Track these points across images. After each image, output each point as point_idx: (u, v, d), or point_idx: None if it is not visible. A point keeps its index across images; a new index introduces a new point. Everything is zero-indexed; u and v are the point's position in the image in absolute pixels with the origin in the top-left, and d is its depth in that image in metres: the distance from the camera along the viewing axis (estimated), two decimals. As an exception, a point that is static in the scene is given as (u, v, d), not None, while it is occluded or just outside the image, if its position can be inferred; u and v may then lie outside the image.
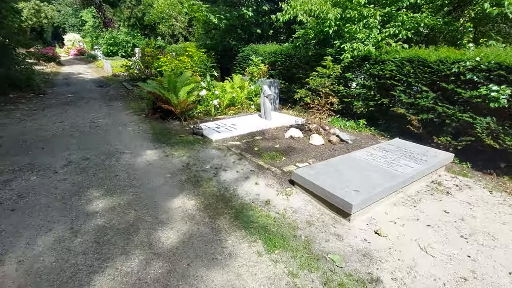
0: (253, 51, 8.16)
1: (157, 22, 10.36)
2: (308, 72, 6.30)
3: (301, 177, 2.95)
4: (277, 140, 4.76)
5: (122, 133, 4.99)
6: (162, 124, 5.60)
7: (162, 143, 4.51)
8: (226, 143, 4.52)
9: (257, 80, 7.23)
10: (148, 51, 10.11)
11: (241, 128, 5.27)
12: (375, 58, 5.01)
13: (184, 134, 4.95)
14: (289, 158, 3.96)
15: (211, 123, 5.66)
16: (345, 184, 2.75)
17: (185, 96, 5.61)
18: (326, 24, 5.19)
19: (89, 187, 3.05)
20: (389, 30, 4.89)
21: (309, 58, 6.33)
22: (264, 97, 5.85)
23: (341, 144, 4.63)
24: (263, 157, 3.96)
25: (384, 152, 3.72)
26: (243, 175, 3.40)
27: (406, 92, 4.65)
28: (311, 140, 4.65)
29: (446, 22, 4.68)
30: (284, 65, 7.07)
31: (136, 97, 8.32)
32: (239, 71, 8.76)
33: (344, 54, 5.09)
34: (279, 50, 7.24)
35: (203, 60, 9.02)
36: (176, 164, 3.72)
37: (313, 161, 3.82)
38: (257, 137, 4.90)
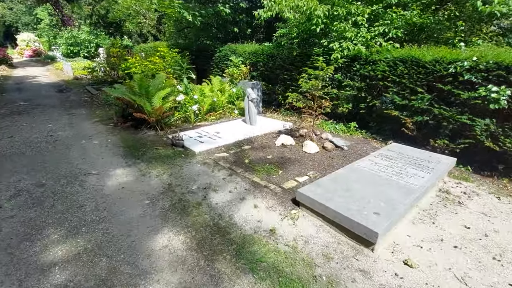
0: (231, 51, 7.65)
1: (123, 19, 9.43)
2: (294, 73, 5.97)
3: (308, 198, 2.54)
4: (268, 149, 4.33)
5: (87, 148, 4.26)
6: (134, 134, 4.92)
7: (136, 158, 3.87)
8: (211, 156, 4.00)
9: (238, 82, 6.75)
10: (114, 51, 9.18)
11: (226, 136, 4.77)
12: (366, 58, 4.77)
13: (161, 146, 4.34)
14: (285, 171, 3.55)
15: (192, 131, 5.08)
16: (361, 204, 2.39)
17: (160, 103, 4.98)
18: (313, 22, 4.85)
19: (45, 227, 2.39)
20: (379, 29, 4.67)
21: (293, 58, 5.97)
22: (249, 101, 5.39)
23: (336, 150, 4.31)
24: (256, 171, 3.51)
25: (388, 160, 3.44)
26: (238, 196, 2.92)
27: (400, 94, 4.45)
28: (305, 148, 4.28)
29: (436, 20, 4.55)
30: (266, 66, 6.66)
31: (102, 103, 7.44)
32: (217, 72, 8.21)
33: (333, 54, 4.79)
34: (260, 50, 6.82)
35: (177, 61, 8.34)
36: (155, 185, 3.14)
37: (313, 174, 3.44)
38: (245, 146, 4.43)
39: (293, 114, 6.44)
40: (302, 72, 5.74)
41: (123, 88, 5.41)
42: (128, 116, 5.78)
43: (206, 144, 4.36)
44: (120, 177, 3.34)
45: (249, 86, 6.55)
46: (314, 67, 4.43)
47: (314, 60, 5.47)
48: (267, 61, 6.59)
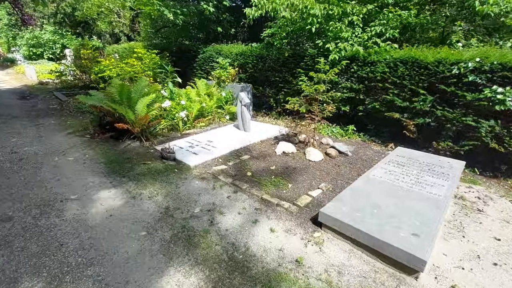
0: (216, 52, 7.24)
1: (94, 18, 8.61)
2: (286, 75, 5.71)
3: (333, 219, 2.26)
4: (269, 158, 4.01)
5: (62, 166, 3.68)
6: (116, 147, 4.37)
7: (122, 176, 3.38)
8: (209, 169, 3.60)
9: (226, 85, 6.36)
10: (85, 53, 8.38)
11: (221, 145, 4.38)
12: (364, 59, 4.61)
13: (150, 160, 3.86)
14: (294, 184, 3.25)
15: (181, 141, 4.63)
16: (393, 223, 2.15)
17: (145, 111, 4.47)
18: (308, 21, 4.60)
19: (16, 279, 1.89)
20: (375, 29, 4.52)
21: (285, 59, 5.71)
22: (242, 105, 5.04)
23: (340, 157, 4.09)
24: (263, 186, 3.18)
25: (401, 167, 3.26)
26: (249, 218, 2.58)
27: (400, 96, 4.33)
28: (308, 156, 4.02)
29: (433, 21, 4.50)
30: (256, 68, 6.34)
31: (75, 111, 6.70)
32: (201, 75, 7.76)
33: (331, 55, 4.57)
34: (249, 51, 6.48)
35: (157, 63, 7.77)
36: (150, 210, 2.70)
37: (325, 186, 3.17)
38: (244, 156, 4.08)
39: (286, 118, 6.18)
40: (296, 74, 5.53)
41: (100, 95, 4.83)
42: (106, 125, 5.20)
43: (201, 156, 3.95)
44: (106, 201, 2.85)
45: (238, 89, 6.19)
46: (316, 70, 4.17)
47: (308, 61, 5.27)
48: (256, 63, 6.26)
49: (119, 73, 7.52)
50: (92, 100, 4.48)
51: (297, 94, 5.71)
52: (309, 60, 5.25)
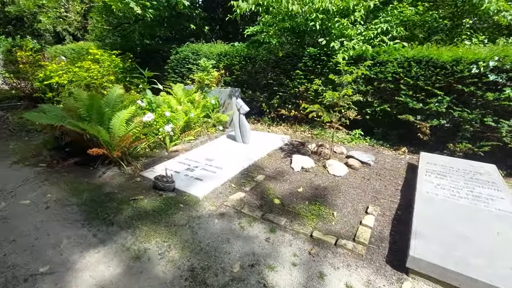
0: (193, 52, 6.36)
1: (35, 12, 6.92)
2: (282, 77, 5.16)
3: (428, 264, 1.77)
4: (288, 177, 3.42)
5: (14, 216, 2.60)
6: (88, 178, 3.35)
7: (109, 223, 2.48)
8: (225, 200, 2.88)
9: (211, 90, 5.57)
10: (23, 55, 6.76)
11: (225, 164, 3.65)
12: (372, 58, 4.27)
13: (141, 194, 2.98)
14: (337, 209, 2.71)
15: (173, 162, 3.78)
16: (497, 262, 1.74)
17: (123, 129, 3.51)
18: (312, 17, 4.10)
19: None
20: (381, 27, 4.22)
21: (279, 60, 5.14)
22: (240, 114, 4.35)
23: (364, 168, 3.68)
24: (303, 217, 2.57)
25: (443, 177, 2.95)
26: (311, 271, 1.95)
27: (414, 97, 4.09)
28: (330, 170, 3.52)
29: (439, 18, 4.35)
30: (244, 70, 5.66)
31: (17, 129, 5.25)
32: (174, 79, 6.79)
33: (339, 54, 4.14)
34: (234, 51, 5.77)
35: (118, 66, 6.59)
36: (169, 277, 1.91)
37: (373, 209, 2.68)
38: (258, 176, 3.42)
39: (281, 124, 5.64)
40: (293, 76, 5.01)
41: (57, 111, 3.71)
42: (66, 147, 4.09)
43: (207, 182, 3.18)
44: (96, 270, 1.97)
45: (226, 94, 5.47)
46: (335, 72, 3.68)
47: (307, 61, 4.79)
48: (244, 64, 5.58)
49: (71, 79, 6.21)
50: (48, 118, 3.37)
51: (294, 98, 5.22)
52: (308, 60, 4.77)
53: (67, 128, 3.32)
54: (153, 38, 8.84)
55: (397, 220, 2.57)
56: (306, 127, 5.28)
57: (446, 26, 4.50)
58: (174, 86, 5.79)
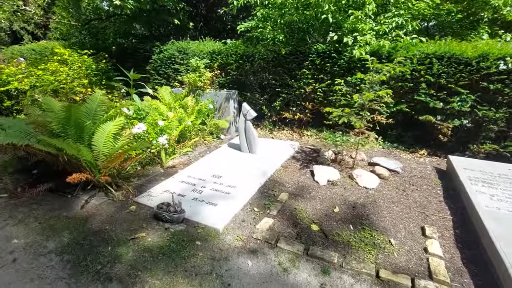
0: (180, 51, 5.67)
1: None
2: (285, 76, 4.68)
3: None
4: (316, 193, 2.94)
5: (-38, 281, 1.85)
6: (66, 211, 2.63)
7: (106, 280, 1.84)
8: (252, 230, 2.33)
9: (206, 93, 4.94)
10: (-31, 57, 5.63)
11: (237, 181, 3.09)
12: (388, 55, 3.93)
13: (140, 230, 2.34)
14: (394, 236, 2.26)
15: (173, 181, 3.14)
16: None
17: (110, 145, 2.81)
18: (323, 9, 3.66)
19: None
20: (396, 20, 3.89)
21: (282, 58, 4.65)
22: (246, 121, 3.81)
23: (393, 176, 3.31)
24: (357, 249, 2.10)
25: (495, 187, 2.65)
26: (399, 334, 1.48)
27: (434, 96, 3.81)
28: (360, 181, 3.10)
29: (452, 11, 4.11)
30: (241, 70, 5.09)
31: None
32: (158, 81, 6.05)
33: (355, 50, 3.74)
34: (229, 49, 5.18)
35: (90, 67, 5.72)
36: None
37: (433, 232, 2.27)
38: (281, 195, 2.90)
39: (283, 128, 5.16)
40: (299, 75, 4.55)
41: (21, 125, 2.90)
42: (32, 168, 3.32)
43: (222, 206, 2.60)
44: None
45: (223, 97, 4.87)
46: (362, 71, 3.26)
47: (315, 59, 4.35)
48: (242, 63, 5.02)
49: (34, 84, 5.26)
50: (9, 136, 2.57)
51: (300, 100, 4.77)
52: (316, 58, 4.33)
53: (36, 148, 2.56)
54: (128, 37, 7.95)
55: (460, 242, 2.19)
56: (313, 131, 4.85)
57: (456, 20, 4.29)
58: (160, 89, 5.08)
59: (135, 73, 3.95)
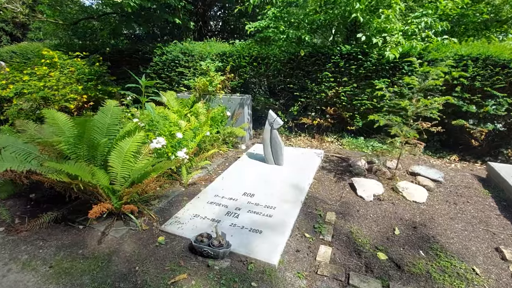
0: (184, 52, 5.23)
1: None
2: (305, 80, 4.39)
3: None
4: (365, 211, 2.65)
5: None
6: (81, 247, 2.19)
7: None
8: (310, 264, 2.00)
9: (220, 98, 4.55)
10: None
11: (274, 200, 2.75)
12: (419, 56, 3.72)
13: (179, 270, 1.97)
14: (473, 262, 2.00)
15: (200, 201, 2.75)
16: None
17: (130, 166, 2.39)
18: (354, 8, 3.38)
19: None
20: (425, 20, 3.68)
21: (302, 60, 4.34)
22: (273, 129, 3.47)
23: (439, 187, 3.08)
24: (442, 282, 1.81)
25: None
26: None
27: (467, 99, 3.64)
28: (407, 195, 2.85)
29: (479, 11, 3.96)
30: (255, 72, 4.73)
31: None
32: (160, 85, 5.58)
33: (388, 52, 3.49)
34: (241, 50, 4.80)
35: (83, 71, 5.17)
36: None
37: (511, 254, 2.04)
38: (327, 215, 2.59)
39: (300, 135, 4.86)
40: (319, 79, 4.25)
41: (18, 143, 2.42)
42: (30, 191, 2.86)
43: (268, 234, 2.26)
44: None
45: (237, 102, 4.51)
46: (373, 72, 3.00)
47: (339, 62, 4.08)
48: (256, 66, 4.66)
49: (20, 91, 4.66)
50: (7, 160, 2.10)
51: (320, 104, 4.49)
52: (339, 60, 4.05)
53: (43, 176, 2.10)
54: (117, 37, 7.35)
55: (546, 266, 1.96)
56: (333, 137, 4.58)
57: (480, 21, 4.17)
58: (165, 94, 4.65)
59: (147, 80, 3.49)
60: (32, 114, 4.87)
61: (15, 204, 2.84)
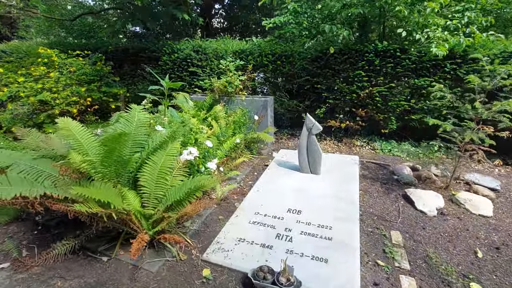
0: (197, 50, 4.82)
1: None
2: (334, 79, 4.06)
3: None
4: (432, 229, 2.32)
5: None
6: (109, 286, 1.78)
7: None
8: (400, 302, 1.65)
9: (243, 100, 4.16)
10: None
11: (327, 219, 2.40)
12: (463, 54, 3.43)
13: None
14: None
15: (240, 222, 2.38)
16: None
17: (165, 185, 1.99)
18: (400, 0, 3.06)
19: None
20: (467, 15, 3.40)
21: (331, 58, 3.98)
22: (311, 135, 3.12)
23: (499, 197, 2.80)
24: None
25: None
26: None
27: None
28: (471, 208, 2.55)
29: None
30: (278, 72, 4.36)
31: None
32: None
33: (434, 48, 3.17)
34: (263, 48, 4.41)
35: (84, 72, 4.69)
36: None
37: None
38: (392, 234, 2.26)
39: (324, 138, 4.52)
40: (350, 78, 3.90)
41: (25, 160, 1.98)
42: (36, 213, 2.46)
43: (336, 263, 1.90)
44: None
45: (259, 105, 4.13)
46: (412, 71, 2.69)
47: (374, 59, 3.76)
48: (279, 65, 4.29)
49: (16, 94, 4.16)
50: (16, 184, 1.67)
51: (349, 106, 4.16)
52: (374, 58, 3.73)
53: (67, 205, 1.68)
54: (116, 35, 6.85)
55: None
56: (363, 141, 4.27)
57: None
58: (178, 96, 4.23)
59: (171, 81, 3.07)
60: (28, 119, 4.37)
61: (19, 230, 2.40)
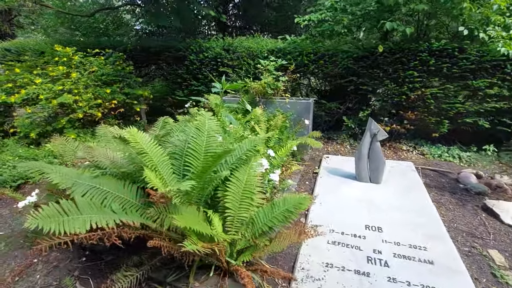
0: (227, 49, 4.51)
1: None
2: (382, 80, 3.80)
3: None
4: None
5: None
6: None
7: None
8: None
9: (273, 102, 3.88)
10: None
11: (416, 237, 2.15)
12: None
13: None
14: None
15: (319, 243, 2.11)
16: None
17: (249, 205, 1.71)
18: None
19: None
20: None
21: (380, 57, 3.72)
22: (374, 142, 2.86)
23: None
24: None
25: None
26: None
27: None
28: None
29: None
30: (320, 72, 4.09)
31: None
32: (195, 87, 4.81)
33: (502, 47, 2.94)
34: (305, 46, 4.11)
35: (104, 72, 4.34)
36: None
37: None
38: (493, 255, 2.02)
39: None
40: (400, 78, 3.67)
41: (85, 179, 1.67)
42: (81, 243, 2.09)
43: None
44: None
45: (302, 107, 3.86)
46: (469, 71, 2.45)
47: (428, 59, 3.52)
48: (323, 64, 4.01)
49: (31, 96, 3.81)
50: (85, 211, 1.36)
51: (396, 108, 3.92)
52: (429, 57, 3.49)
53: (163, 239, 1.38)
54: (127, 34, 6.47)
55: None
56: (409, 146, 4.04)
57: None
58: (210, 98, 3.93)
59: (227, 84, 2.77)
60: (45, 124, 4.01)
61: (63, 256, 2.08)
